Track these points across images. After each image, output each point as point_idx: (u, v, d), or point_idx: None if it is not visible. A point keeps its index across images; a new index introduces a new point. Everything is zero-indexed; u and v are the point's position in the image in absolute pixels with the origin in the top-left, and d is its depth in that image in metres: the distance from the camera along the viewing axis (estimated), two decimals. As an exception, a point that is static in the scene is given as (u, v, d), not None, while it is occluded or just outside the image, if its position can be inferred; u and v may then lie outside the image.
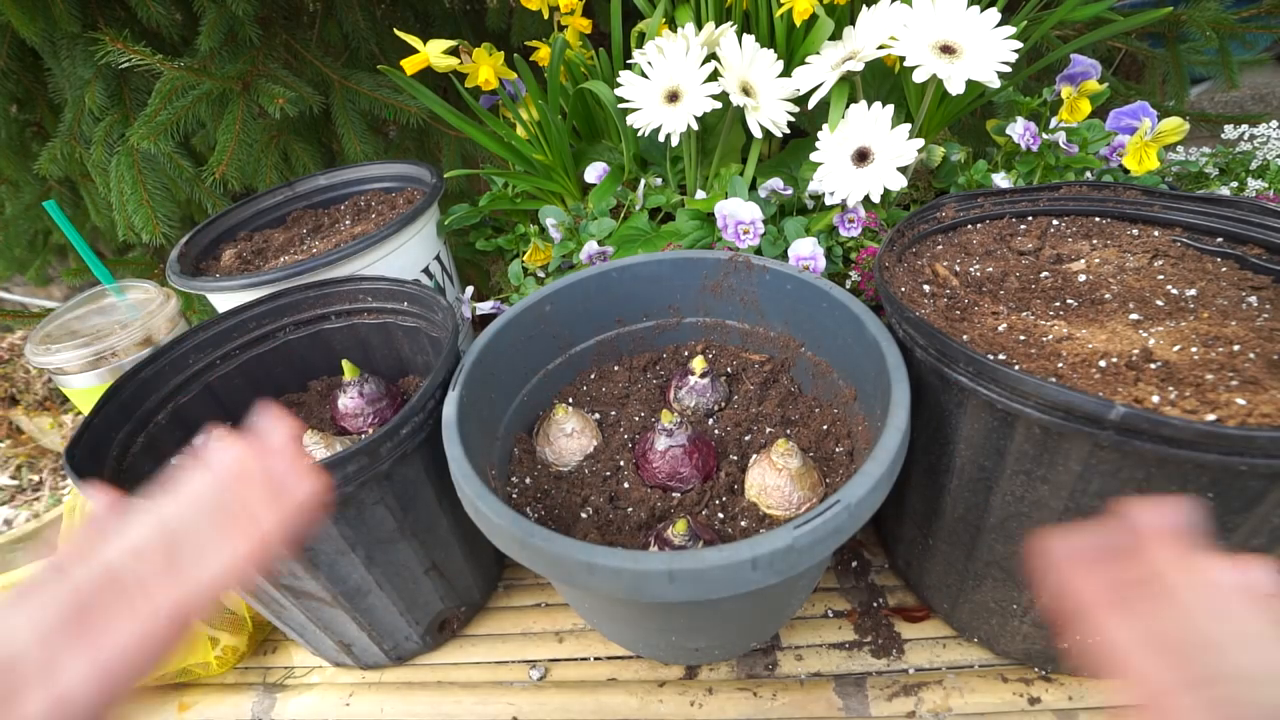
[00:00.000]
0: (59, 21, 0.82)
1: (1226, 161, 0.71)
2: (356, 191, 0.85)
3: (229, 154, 0.80)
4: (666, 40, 0.61)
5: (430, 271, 0.74)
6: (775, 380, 0.56)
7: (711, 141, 0.69)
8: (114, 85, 0.88)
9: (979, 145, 0.78)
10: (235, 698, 0.58)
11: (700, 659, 0.53)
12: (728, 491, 0.48)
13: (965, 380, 0.39)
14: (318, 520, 0.26)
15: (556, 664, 0.56)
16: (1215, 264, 0.48)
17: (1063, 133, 0.62)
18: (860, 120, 0.57)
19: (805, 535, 0.34)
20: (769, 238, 0.62)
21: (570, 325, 0.57)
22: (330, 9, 0.97)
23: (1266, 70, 1.45)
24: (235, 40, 0.85)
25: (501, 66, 0.70)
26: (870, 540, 0.62)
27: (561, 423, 0.51)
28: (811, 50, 0.60)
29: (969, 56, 0.53)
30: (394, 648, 0.55)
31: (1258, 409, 0.33)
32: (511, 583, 0.63)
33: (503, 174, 0.76)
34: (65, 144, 0.90)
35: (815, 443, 0.50)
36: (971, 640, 0.52)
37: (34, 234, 1.18)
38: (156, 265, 1.06)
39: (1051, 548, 0.28)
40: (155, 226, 0.81)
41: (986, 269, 0.50)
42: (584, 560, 0.34)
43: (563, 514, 0.48)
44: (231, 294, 0.64)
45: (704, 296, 0.58)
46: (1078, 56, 0.64)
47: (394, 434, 0.44)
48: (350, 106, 0.89)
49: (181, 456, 0.55)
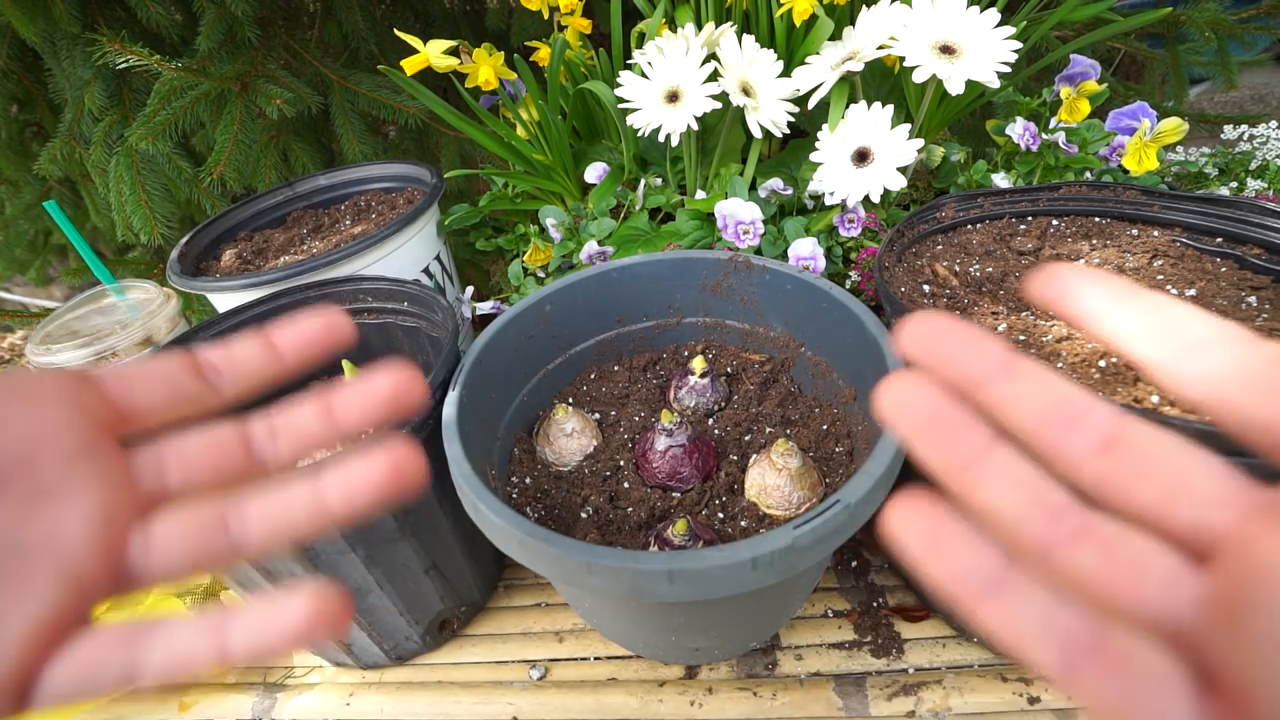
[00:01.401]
0: (59, 22, 0.82)
1: (1226, 162, 0.72)
2: (356, 191, 0.85)
3: (226, 154, 0.80)
4: (666, 40, 0.61)
5: (430, 271, 0.74)
6: (775, 380, 0.56)
7: (711, 141, 0.69)
8: (113, 85, 0.88)
9: (979, 145, 0.78)
10: (235, 698, 0.58)
11: (700, 659, 0.53)
12: (728, 491, 0.48)
13: (965, 380, 0.39)
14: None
15: (556, 664, 0.56)
16: (1215, 264, 0.48)
17: (1062, 133, 0.62)
18: (860, 120, 0.57)
19: (805, 535, 0.34)
20: (769, 238, 0.62)
21: (570, 325, 0.57)
22: (330, 9, 0.97)
23: (1266, 70, 1.45)
24: (234, 41, 0.85)
25: (501, 66, 0.70)
26: (870, 540, 0.62)
27: (561, 423, 0.51)
28: (811, 50, 0.60)
29: (969, 57, 0.53)
30: (394, 647, 0.55)
31: (1257, 409, 0.33)
32: (511, 583, 0.63)
33: (503, 174, 0.76)
34: (65, 144, 0.90)
35: (815, 443, 0.50)
36: (971, 640, 0.53)
37: (34, 234, 1.18)
38: (156, 265, 1.06)
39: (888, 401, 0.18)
40: (154, 227, 0.81)
41: (986, 269, 0.50)
42: (584, 560, 0.34)
43: (563, 514, 0.48)
44: (231, 294, 0.64)
45: (704, 296, 0.58)
46: (1077, 57, 0.64)
47: (394, 434, 0.44)
48: (349, 107, 0.89)
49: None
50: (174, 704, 0.58)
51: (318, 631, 0.18)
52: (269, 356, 0.23)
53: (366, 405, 0.22)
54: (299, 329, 0.23)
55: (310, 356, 0.23)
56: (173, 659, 0.19)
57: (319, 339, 0.23)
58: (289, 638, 0.18)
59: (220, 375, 0.22)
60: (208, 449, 0.21)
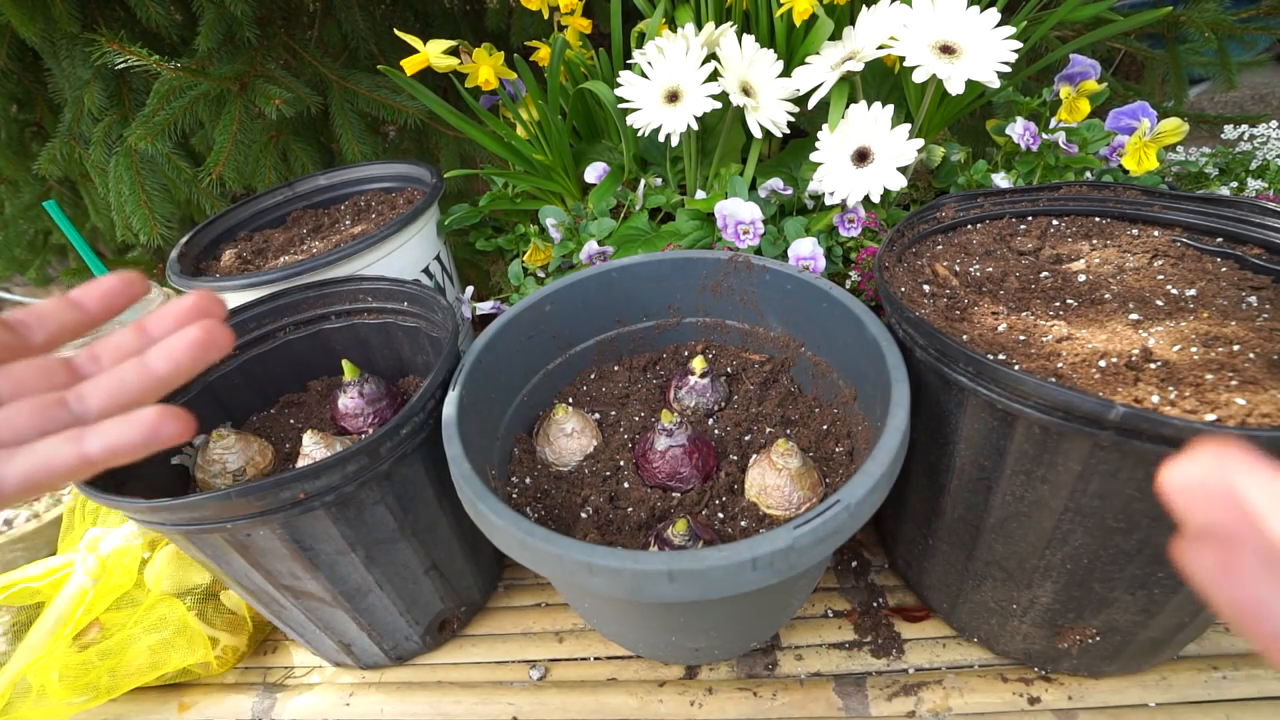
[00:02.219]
0: (58, 22, 0.82)
1: (1226, 161, 0.72)
2: (356, 191, 0.85)
3: (225, 155, 0.80)
4: (666, 40, 0.61)
5: (430, 271, 0.74)
6: (775, 380, 0.56)
7: (711, 141, 0.69)
8: (113, 86, 0.88)
9: (979, 145, 0.78)
10: (235, 698, 0.58)
11: (700, 659, 0.53)
12: (728, 491, 0.48)
13: (965, 380, 0.39)
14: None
15: (556, 664, 0.56)
16: (1215, 264, 0.48)
17: (1062, 133, 0.62)
18: (860, 120, 0.57)
19: (805, 535, 0.34)
20: (769, 238, 0.62)
21: (570, 325, 0.57)
22: (329, 9, 0.97)
23: (1266, 70, 1.45)
24: (233, 41, 0.85)
25: (501, 66, 0.70)
26: (870, 540, 0.62)
27: (561, 423, 0.51)
28: (811, 50, 0.60)
29: (969, 56, 0.53)
30: (394, 648, 0.55)
31: (1258, 409, 0.33)
32: (511, 583, 0.63)
33: (503, 174, 0.76)
34: (64, 144, 0.90)
35: (815, 443, 0.50)
36: (971, 640, 0.53)
37: (34, 234, 1.18)
38: (156, 265, 1.06)
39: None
40: (153, 228, 0.81)
41: (986, 269, 0.50)
42: (584, 560, 0.34)
43: (563, 514, 0.48)
44: (231, 294, 0.64)
45: (704, 296, 0.58)
46: (1077, 57, 0.64)
47: (394, 434, 0.44)
48: (348, 107, 0.89)
49: (181, 456, 0.55)
50: (174, 704, 0.58)
51: (160, 438, 0.22)
52: (69, 307, 0.26)
53: (176, 316, 0.25)
54: (99, 283, 0.26)
55: (113, 306, 0.26)
56: (35, 464, 0.21)
57: (120, 290, 0.26)
58: (137, 442, 0.21)
59: (29, 327, 0.25)
60: (36, 371, 0.24)
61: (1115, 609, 0.42)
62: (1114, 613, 0.43)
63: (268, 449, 0.55)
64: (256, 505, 0.41)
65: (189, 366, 0.23)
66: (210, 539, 0.43)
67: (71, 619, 0.53)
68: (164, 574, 0.57)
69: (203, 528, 0.42)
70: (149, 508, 0.40)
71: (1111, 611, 0.42)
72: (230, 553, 0.45)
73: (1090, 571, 0.41)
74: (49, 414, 0.22)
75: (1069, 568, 0.41)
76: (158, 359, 0.23)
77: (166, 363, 0.23)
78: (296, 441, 0.56)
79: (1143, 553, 0.38)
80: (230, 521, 0.41)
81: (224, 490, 0.39)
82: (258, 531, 0.43)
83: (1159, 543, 0.37)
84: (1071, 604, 0.43)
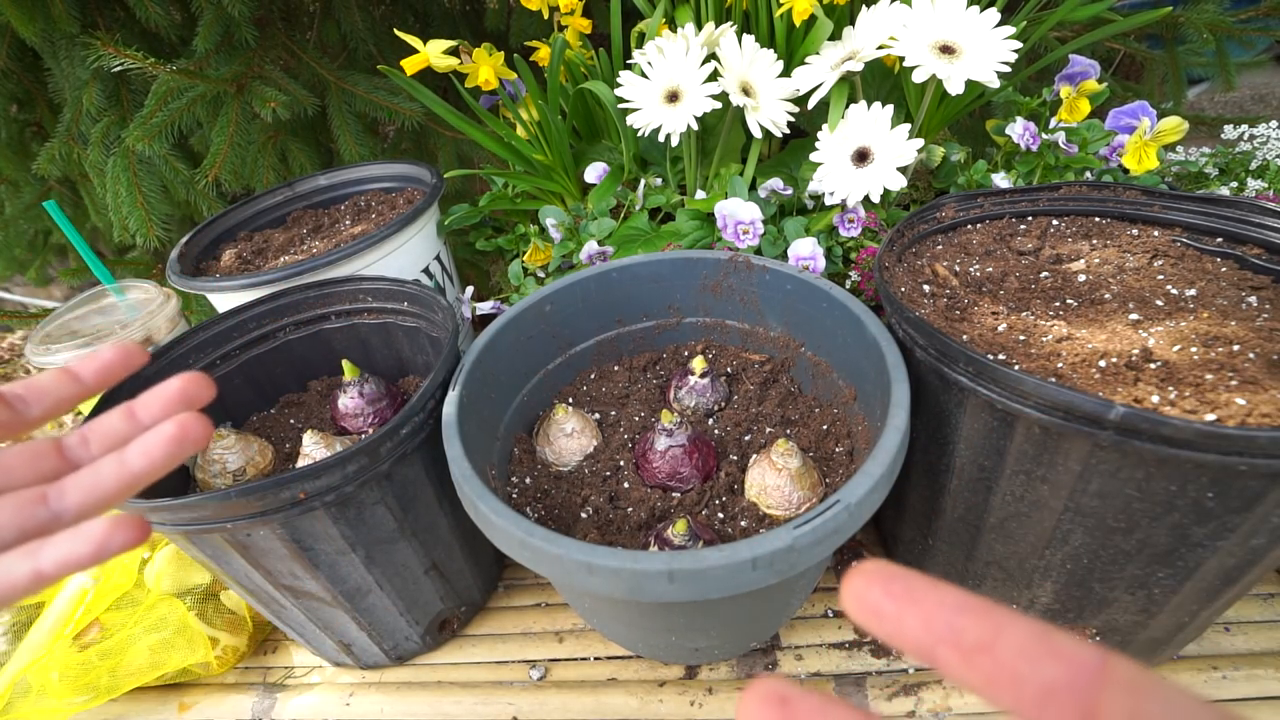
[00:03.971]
0: (58, 22, 0.82)
1: (1226, 161, 0.72)
2: (356, 192, 0.85)
3: (222, 156, 0.80)
4: (666, 40, 0.61)
5: (430, 271, 0.74)
6: (775, 380, 0.56)
7: (711, 141, 0.69)
8: (112, 86, 0.88)
9: (979, 145, 0.78)
10: (235, 698, 0.57)
11: (700, 659, 0.53)
12: (728, 491, 0.48)
13: (965, 380, 0.39)
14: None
15: (556, 664, 0.56)
16: (1215, 264, 0.48)
17: (1062, 133, 0.62)
18: (860, 120, 0.57)
19: (805, 535, 0.34)
20: (769, 238, 0.62)
21: (570, 325, 0.57)
22: (328, 9, 0.97)
23: (1265, 71, 1.45)
24: (231, 42, 0.85)
25: (501, 66, 0.70)
26: (870, 540, 0.62)
27: (561, 423, 0.51)
28: (811, 50, 0.60)
29: (968, 56, 0.53)
30: (394, 648, 0.55)
31: (1257, 409, 0.33)
32: (511, 583, 0.63)
33: (503, 174, 0.76)
34: (64, 144, 0.90)
35: (815, 443, 0.50)
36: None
37: (34, 234, 1.18)
38: (156, 265, 1.06)
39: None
40: (150, 229, 0.81)
41: (986, 269, 0.50)
42: (584, 560, 0.34)
43: (563, 514, 0.48)
44: (231, 294, 0.64)
45: (704, 296, 0.58)
46: (1076, 57, 0.64)
47: (394, 434, 0.44)
48: (346, 108, 0.89)
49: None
50: (174, 704, 0.58)
51: (110, 549, 0.22)
52: (67, 380, 0.27)
53: (164, 403, 0.26)
54: (96, 356, 0.27)
55: (110, 379, 0.27)
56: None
57: (117, 363, 0.27)
58: (86, 556, 0.22)
59: (26, 403, 0.26)
60: (27, 459, 0.25)
61: (1115, 609, 0.42)
62: (1114, 613, 0.43)
63: (268, 449, 0.55)
64: (256, 505, 0.41)
65: (164, 464, 0.24)
66: (210, 539, 0.43)
67: (71, 619, 0.53)
68: (164, 574, 0.57)
69: (202, 528, 0.42)
70: (149, 508, 0.40)
71: (1111, 611, 0.43)
72: (230, 553, 0.45)
73: (1090, 571, 0.41)
74: (29, 512, 0.23)
75: (1069, 568, 0.41)
76: (135, 456, 0.24)
77: (143, 460, 0.24)
78: (296, 441, 0.56)
79: (1143, 553, 0.38)
80: (230, 521, 0.41)
81: (224, 490, 0.39)
82: (258, 531, 0.43)
83: (1159, 543, 0.37)
84: (1071, 604, 0.43)
